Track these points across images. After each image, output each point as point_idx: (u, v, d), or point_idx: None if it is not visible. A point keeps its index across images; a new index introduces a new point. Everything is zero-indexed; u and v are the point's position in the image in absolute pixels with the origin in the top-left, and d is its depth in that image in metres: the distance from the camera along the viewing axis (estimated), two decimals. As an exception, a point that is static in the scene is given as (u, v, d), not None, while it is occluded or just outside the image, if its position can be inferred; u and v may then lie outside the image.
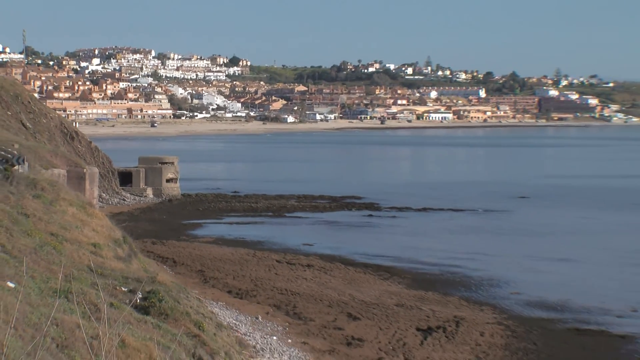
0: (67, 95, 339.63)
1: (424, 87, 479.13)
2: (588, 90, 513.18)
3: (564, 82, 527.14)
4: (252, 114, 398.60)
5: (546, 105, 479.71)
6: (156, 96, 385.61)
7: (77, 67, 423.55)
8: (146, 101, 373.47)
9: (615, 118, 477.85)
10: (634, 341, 46.24)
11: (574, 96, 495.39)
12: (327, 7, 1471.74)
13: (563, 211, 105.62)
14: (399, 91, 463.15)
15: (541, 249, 76.60)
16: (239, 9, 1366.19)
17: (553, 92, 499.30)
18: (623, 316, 51.62)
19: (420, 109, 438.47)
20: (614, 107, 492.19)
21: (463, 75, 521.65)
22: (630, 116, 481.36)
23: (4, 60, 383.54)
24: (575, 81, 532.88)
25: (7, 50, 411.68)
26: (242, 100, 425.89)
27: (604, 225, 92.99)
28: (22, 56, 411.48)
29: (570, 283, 61.51)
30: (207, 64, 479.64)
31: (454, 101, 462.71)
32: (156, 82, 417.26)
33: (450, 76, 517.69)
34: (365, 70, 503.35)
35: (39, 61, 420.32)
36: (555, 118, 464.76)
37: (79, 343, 18.18)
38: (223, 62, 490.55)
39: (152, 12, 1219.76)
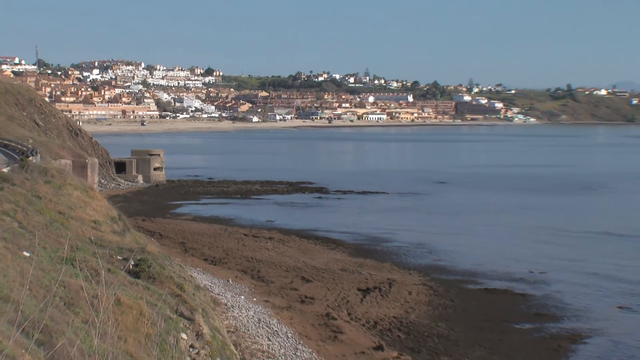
0: (72, 99, 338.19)
1: (363, 93, 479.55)
2: (494, 96, 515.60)
3: (476, 90, 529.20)
4: (223, 115, 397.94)
5: (461, 108, 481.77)
6: (145, 100, 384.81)
7: (80, 76, 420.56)
8: (137, 104, 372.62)
9: (516, 119, 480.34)
10: (531, 299, 46.66)
11: (484, 101, 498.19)
12: (285, 28, 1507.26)
13: (475, 194, 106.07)
14: (343, 96, 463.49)
15: (457, 224, 77.01)
16: (213, 29, 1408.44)
17: (467, 98, 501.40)
18: (522, 279, 51.98)
19: (360, 111, 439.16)
20: (515, 109, 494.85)
21: (395, 84, 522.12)
22: (529, 117, 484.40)
23: (20, 70, 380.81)
24: (484, 89, 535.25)
25: (23, 62, 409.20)
26: (215, 103, 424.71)
27: (507, 205, 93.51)
28: (35, 67, 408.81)
29: (481, 252, 61.91)
30: (187, 74, 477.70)
31: (388, 105, 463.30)
32: (145, 88, 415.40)
33: (384, 84, 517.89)
34: (316, 79, 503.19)
35: (49, 71, 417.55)
36: (469, 118, 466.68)
37: (82, 301, 18.18)
38: (200, 72, 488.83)
39: (142, 32, 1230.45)
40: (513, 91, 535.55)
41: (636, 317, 43.13)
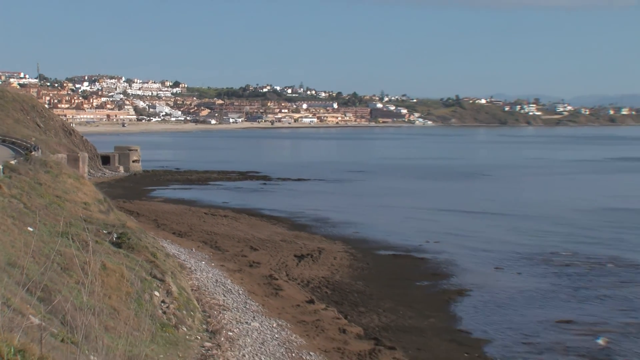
0: (66, 106, 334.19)
1: (299, 102, 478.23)
2: (400, 104, 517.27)
3: (386, 99, 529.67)
4: (188, 118, 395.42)
5: (375, 113, 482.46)
6: (125, 107, 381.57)
7: (73, 87, 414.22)
8: (119, 110, 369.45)
9: (417, 122, 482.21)
10: (428, 262, 47.09)
11: (392, 107, 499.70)
12: (237, 49, 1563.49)
13: (385, 180, 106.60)
14: (282, 104, 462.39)
15: (372, 204, 77.37)
16: (180, 50, 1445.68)
17: (379, 105, 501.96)
18: (421, 246, 52.40)
19: (296, 115, 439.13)
20: (417, 114, 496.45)
21: (323, 94, 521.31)
22: (427, 120, 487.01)
23: (25, 83, 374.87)
24: (392, 98, 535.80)
25: (27, 76, 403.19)
26: (181, 109, 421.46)
27: (410, 189, 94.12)
28: (37, 80, 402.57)
29: (390, 226, 62.29)
30: (159, 86, 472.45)
31: (317, 110, 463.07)
32: (125, 97, 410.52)
33: (315, 94, 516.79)
34: (261, 90, 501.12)
35: (48, 84, 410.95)
36: (381, 121, 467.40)
37: (75, 266, 18.01)
38: (169, 84, 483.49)
39: (122, 52, 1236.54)
40: (415, 100, 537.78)
41: (507, 276, 43.74)
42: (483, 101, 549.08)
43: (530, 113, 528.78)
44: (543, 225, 63.45)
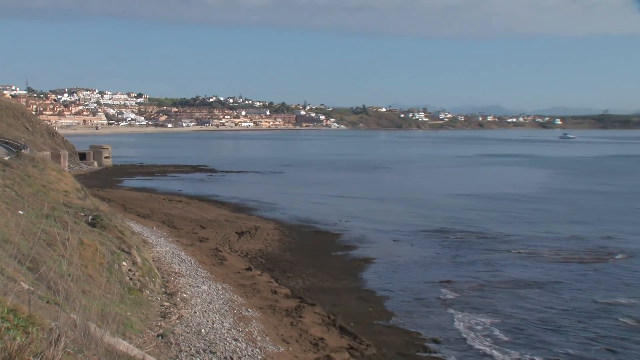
0: (50, 113, 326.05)
1: (238, 109, 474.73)
2: (320, 111, 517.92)
3: (308, 107, 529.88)
4: (149, 123, 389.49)
5: (299, 119, 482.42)
6: (98, 113, 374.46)
7: (56, 98, 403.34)
8: (93, 116, 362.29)
9: (333, 125, 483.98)
10: (342, 237, 47.38)
11: (313, 114, 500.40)
12: (188, 66, 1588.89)
13: (308, 172, 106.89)
14: (225, 111, 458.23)
15: (297, 192, 77.49)
16: (143, 67, 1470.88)
17: (303, 112, 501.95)
18: (336, 224, 52.73)
19: (237, 120, 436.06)
20: (332, 120, 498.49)
21: (258, 103, 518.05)
22: (340, 125, 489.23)
23: (15, 94, 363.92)
24: (313, 106, 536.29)
25: (18, 88, 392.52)
26: (144, 115, 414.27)
27: (327, 179, 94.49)
28: (26, 92, 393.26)
29: (312, 208, 62.46)
30: (125, 96, 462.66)
31: (254, 117, 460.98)
32: (98, 106, 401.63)
33: (251, 103, 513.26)
34: (208, 100, 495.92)
35: (35, 94, 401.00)
36: (304, 126, 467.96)
37: (57, 242, 17.66)
38: (134, 95, 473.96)
39: (96, 69, 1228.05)
40: (330, 108, 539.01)
41: (403, 247, 44.30)
42: (384, 109, 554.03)
43: (420, 119, 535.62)
44: (429, 207, 64.51)
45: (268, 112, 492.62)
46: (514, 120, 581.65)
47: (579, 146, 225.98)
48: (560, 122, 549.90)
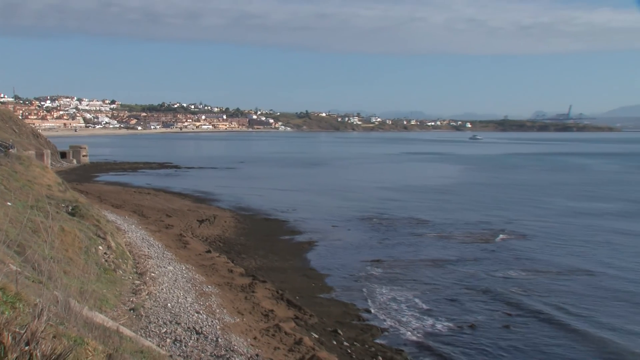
0: (35, 117, 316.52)
1: (199, 114, 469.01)
2: (269, 116, 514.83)
3: (259, 112, 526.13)
4: (121, 126, 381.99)
5: (252, 122, 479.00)
6: (77, 118, 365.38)
7: (39, 104, 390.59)
8: (72, 120, 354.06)
9: (280, 128, 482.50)
10: (288, 223, 47.46)
11: (263, 118, 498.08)
12: (155, 76, 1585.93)
13: (261, 168, 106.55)
14: (188, 116, 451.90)
15: (251, 185, 77.12)
16: (115, 77, 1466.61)
17: (255, 116, 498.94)
18: (284, 212, 52.78)
19: (197, 123, 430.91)
20: (280, 123, 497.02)
21: (216, 109, 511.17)
22: (287, 127, 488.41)
23: (3, 101, 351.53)
24: (264, 111, 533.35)
25: (5, 96, 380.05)
26: (117, 119, 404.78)
27: (276, 174, 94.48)
28: (13, 99, 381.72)
29: (262, 199, 62.33)
30: (100, 103, 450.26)
31: (212, 120, 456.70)
32: (77, 111, 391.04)
33: (210, 109, 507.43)
34: (173, 106, 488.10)
35: (21, 101, 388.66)
36: (256, 128, 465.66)
37: (42, 230, 17.31)
38: (108, 102, 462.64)
39: (74, 79, 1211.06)
40: (278, 113, 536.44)
41: (340, 231, 44.59)
42: (324, 114, 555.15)
43: (354, 122, 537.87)
44: (362, 197, 65.01)
45: (225, 117, 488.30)
46: (433, 123, 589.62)
47: (485, 146, 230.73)
48: (470, 126, 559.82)
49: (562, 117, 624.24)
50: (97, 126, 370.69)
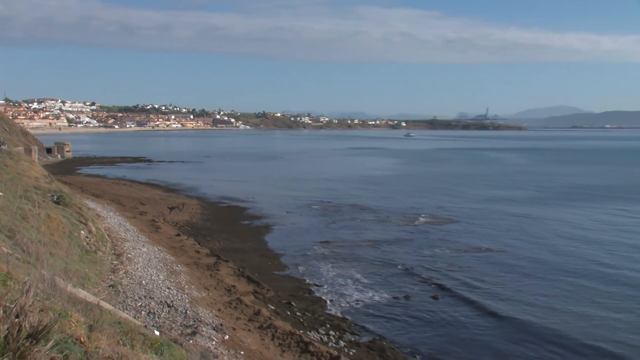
0: (23, 117, 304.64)
1: (169, 114, 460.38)
2: (231, 115, 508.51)
3: (222, 112, 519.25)
4: (101, 125, 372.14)
5: (215, 122, 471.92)
6: (61, 118, 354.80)
7: (27, 106, 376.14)
8: (57, 120, 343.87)
9: (241, 127, 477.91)
10: (249, 209, 47.29)
11: (226, 118, 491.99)
12: (131, 79, 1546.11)
13: (224, 161, 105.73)
14: (159, 115, 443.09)
15: (214, 176, 76.44)
16: (96, 82, 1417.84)
17: (218, 116, 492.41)
18: (245, 200, 52.58)
19: (168, 123, 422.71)
20: (240, 122, 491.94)
21: (184, 109, 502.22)
22: (247, 126, 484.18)
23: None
24: (226, 112, 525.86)
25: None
26: (96, 119, 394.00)
27: (240, 166, 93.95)
28: (3, 101, 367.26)
29: (226, 188, 61.85)
30: (82, 104, 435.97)
31: (181, 120, 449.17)
32: (61, 112, 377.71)
33: (179, 110, 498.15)
34: (146, 107, 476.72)
35: (11, 103, 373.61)
36: (219, 126, 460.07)
37: (30, 216, 16.93)
38: (89, 103, 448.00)
39: (59, 83, 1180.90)
40: (239, 113, 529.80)
41: (294, 217, 44.75)
42: (279, 114, 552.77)
43: (305, 121, 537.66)
44: (312, 187, 65.22)
45: (192, 116, 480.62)
46: (373, 122, 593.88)
47: (418, 142, 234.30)
48: (405, 124, 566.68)
49: (480, 117, 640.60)
50: (79, 125, 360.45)
